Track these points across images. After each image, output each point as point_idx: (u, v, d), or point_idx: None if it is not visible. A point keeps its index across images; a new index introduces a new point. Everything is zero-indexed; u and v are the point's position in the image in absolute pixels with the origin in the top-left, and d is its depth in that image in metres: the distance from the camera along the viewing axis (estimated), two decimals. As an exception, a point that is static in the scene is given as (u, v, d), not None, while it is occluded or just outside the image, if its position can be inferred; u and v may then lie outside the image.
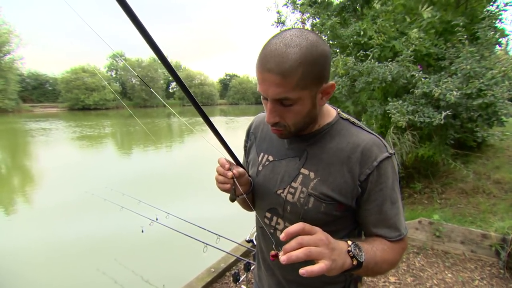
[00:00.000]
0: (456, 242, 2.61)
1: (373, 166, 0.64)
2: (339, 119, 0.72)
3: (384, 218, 0.67)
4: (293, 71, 0.56)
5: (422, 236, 2.73)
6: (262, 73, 0.59)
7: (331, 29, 3.62)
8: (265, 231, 0.78)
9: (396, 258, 0.68)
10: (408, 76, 3.10)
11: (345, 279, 0.75)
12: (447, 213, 3.09)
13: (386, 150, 0.66)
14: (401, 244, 0.69)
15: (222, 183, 0.71)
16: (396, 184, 0.68)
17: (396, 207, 0.67)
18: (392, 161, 0.67)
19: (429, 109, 3.02)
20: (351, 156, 0.66)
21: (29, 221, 4.66)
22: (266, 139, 0.82)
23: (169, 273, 3.06)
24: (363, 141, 0.66)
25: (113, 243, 3.79)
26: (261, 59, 0.59)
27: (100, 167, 8.59)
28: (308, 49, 0.56)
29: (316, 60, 0.58)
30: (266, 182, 0.76)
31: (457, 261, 2.49)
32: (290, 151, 0.74)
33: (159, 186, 6.15)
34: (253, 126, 0.89)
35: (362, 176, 0.65)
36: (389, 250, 0.66)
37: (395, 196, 0.67)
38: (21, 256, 3.54)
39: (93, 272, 3.11)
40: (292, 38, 0.57)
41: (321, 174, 0.68)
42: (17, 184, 7.21)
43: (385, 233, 0.67)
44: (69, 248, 3.67)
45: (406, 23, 3.40)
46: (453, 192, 3.58)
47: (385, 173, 0.65)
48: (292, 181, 0.71)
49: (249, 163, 0.85)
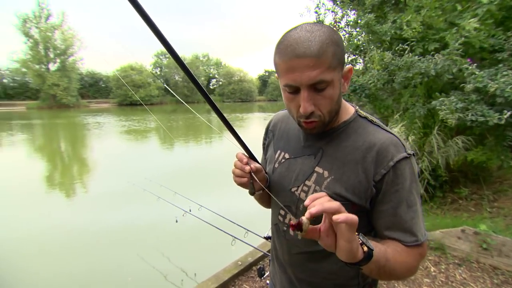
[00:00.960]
0: (508, 257, 2.33)
1: (389, 166, 0.62)
2: (357, 116, 0.70)
3: (399, 221, 0.64)
4: (325, 50, 0.57)
5: (465, 246, 2.50)
6: (292, 60, 0.58)
7: (366, 25, 3.42)
8: (279, 228, 0.79)
9: (413, 263, 0.64)
10: (454, 71, 2.81)
11: (358, 283, 0.73)
12: (499, 223, 2.77)
13: (404, 150, 0.64)
14: (418, 250, 0.65)
15: (239, 176, 0.74)
16: (415, 187, 0.65)
17: (413, 211, 0.64)
18: (410, 162, 0.64)
19: (482, 107, 2.71)
20: (367, 156, 0.64)
21: (84, 207, 5.22)
22: (284, 137, 0.82)
23: (199, 263, 3.22)
24: (379, 140, 0.65)
25: (150, 231, 4.07)
26: (285, 49, 0.59)
27: (142, 159, 9.27)
28: (330, 32, 0.59)
29: (339, 41, 0.60)
30: (281, 179, 0.77)
31: (509, 279, 2.23)
32: (306, 149, 0.74)
33: (194, 179, 6.47)
34: (272, 124, 0.90)
35: (377, 176, 0.63)
36: (403, 253, 0.63)
37: (412, 199, 0.64)
38: (54, 242, 3.89)
39: (134, 257, 3.38)
40: (311, 26, 0.60)
41: (335, 173, 0.67)
42: (76, 172, 8.10)
43: (400, 237, 0.64)
44: (112, 234, 4.03)
45: (457, 12, 3.07)
46: (508, 200, 3.19)
47: (402, 174, 0.63)
48: (306, 179, 0.71)
49: (266, 160, 0.87)
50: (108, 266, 3.35)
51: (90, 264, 3.34)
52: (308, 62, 0.56)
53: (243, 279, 2.40)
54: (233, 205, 4.19)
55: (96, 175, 7.62)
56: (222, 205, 3.68)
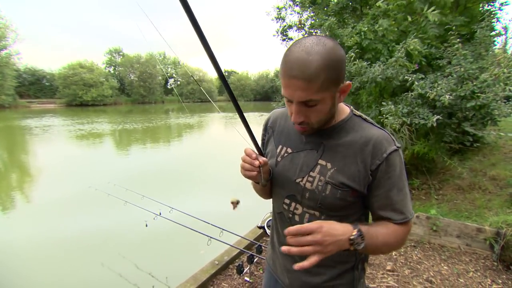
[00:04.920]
0: (452, 236, 2.70)
1: (383, 158, 0.73)
2: (352, 115, 0.80)
3: (391, 202, 0.75)
4: (316, 76, 0.63)
5: (419, 230, 2.82)
6: (288, 79, 0.66)
7: (329, 29, 3.68)
8: (283, 216, 0.87)
9: (398, 241, 0.76)
10: (400, 79, 3.18)
11: (355, 259, 0.85)
12: (444, 208, 3.18)
13: (394, 144, 0.75)
14: (406, 227, 0.77)
15: (249, 170, 0.80)
16: (403, 173, 0.77)
17: (403, 194, 0.76)
18: (399, 153, 0.76)
19: (425, 110, 3.10)
20: (364, 149, 0.74)
21: (28, 217, 4.62)
22: (284, 133, 0.90)
23: (174, 266, 3.12)
24: (373, 135, 0.75)
25: (117, 237, 3.83)
26: (285, 67, 0.66)
27: (101, 163, 8.62)
28: (328, 55, 0.64)
29: (335, 65, 0.65)
30: (286, 171, 0.84)
31: (452, 254, 2.58)
32: (308, 145, 0.82)
33: (161, 182, 6.23)
34: (271, 121, 0.97)
35: (373, 166, 0.74)
36: (392, 234, 0.75)
37: (401, 184, 0.76)
38: (22, 252, 3.50)
39: (98, 267, 3.14)
40: (312, 46, 0.64)
41: (337, 165, 0.76)
42: (16, 181, 7.18)
43: (391, 215, 0.76)
44: (73, 243, 3.68)
45: (407, 23, 3.45)
46: (450, 188, 3.66)
47: (393, 164, 0.74)
48: (310, 170, 0.79)
49: (267, 155, 0.93)
50: (66, 279, 3.05)
51: (50, 277, 3.04)
52: (300, 84, 0.64)
53: (221, 278, 2.40)
54: (206, 206, 4.15)
55: (44, 182, 6.85)
56: (195, 206, 3.64)
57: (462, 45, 3.15)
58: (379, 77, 3.24)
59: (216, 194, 5.08)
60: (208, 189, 5.53)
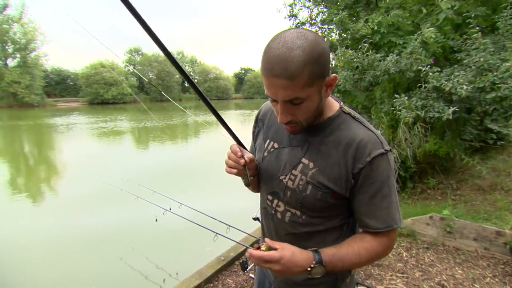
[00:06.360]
0: (468, 239, 2.56)
1: (365, 161, 0.68)
2: (341, 112, 0.76)
3: (374, 209, 0.71)
4: (300, 73, 0.59)
5: (433, 231, 2.70)
6: (269, 78, 0.61)
7: (340, 22, 3.56)
8: (267, 211, 0.85)
9: (378, 254, 0.73)
10: (414, 69, 3.01)
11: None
12: (460, 209, 3.02)
13: (381, 147, 0.69)
14: (389, 235, 0.73)
15: (232, 167, 0.79)
16: (391, 179, 0.71)
17: (388, 201, 0.71)
18: (387, 157, 0.70)
19: (440, 104, 2.93)
20: (348, 150, 0.70)
21: (53, 211, 4.95)
22: (273, 127, 0.87)
23: (181, 261, 3.19)
24: (358, 136, 0.70)
25: (129, 232, 3.96)
26: (265, 65, 0.61)
27: (118, 159, 8.95)
28: (310, 49, 0.59)
29: (318, 58, 0.60)
30: (271, 167, 0.82)
31: (468, 258, 2.45)
32: (294, 140, 0.79)
33: (173, 178, 6.35)
34: (261, 113, 0.94)
35: (355, 170, 0.69)
36: (369, 248, 0.72)
37: (387, 191, 0.71)
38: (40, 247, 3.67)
39: (113, 260, 3.27)
40: (293, 40, 0.59)
41: (319, 165, 0.73)
42: (43, 176, 7.61)
43: (373, 224, 0.72)
44: (88, 237, 3.84)
45: (422, 15, 3.29)
46: (468, 188, 3.48)
47: (377, 168, 0.69)
48: (293, 168, 0.76)
49: (255, 148, 0.91)
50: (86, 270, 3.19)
51: (67, 270, 3.18)
52: (284, 83, 0.60)
53: (226, 274, 2.42)
54: (214, 202, 4.19)
55: (67, 177, 7.22)
56: (203, 202, 3.68)
57: (482, 34, 2.94)
58: (392, 69, 3.09)
59: (225, 191, 5.11)
60: (217, 186, 5.57)
